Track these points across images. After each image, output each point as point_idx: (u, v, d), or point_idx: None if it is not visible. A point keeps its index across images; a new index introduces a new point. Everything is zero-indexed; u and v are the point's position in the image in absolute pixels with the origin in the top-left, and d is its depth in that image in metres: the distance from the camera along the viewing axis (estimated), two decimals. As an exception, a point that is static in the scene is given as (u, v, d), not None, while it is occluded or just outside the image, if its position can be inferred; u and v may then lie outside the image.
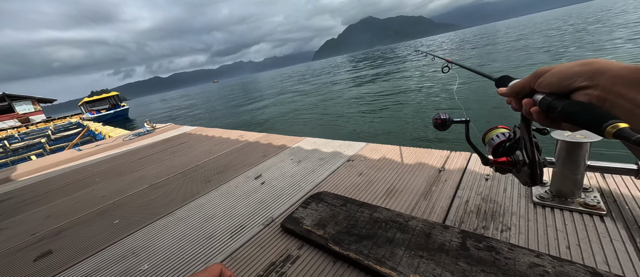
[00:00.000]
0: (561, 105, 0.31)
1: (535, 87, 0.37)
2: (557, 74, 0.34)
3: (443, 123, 0.55)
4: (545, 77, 0.35)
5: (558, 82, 0.33)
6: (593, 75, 0.30)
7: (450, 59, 1.25)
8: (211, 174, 1.73)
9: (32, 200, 1.91)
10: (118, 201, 1.56)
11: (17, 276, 1.01)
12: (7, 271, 1.05)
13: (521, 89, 0.39)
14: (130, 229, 1.19)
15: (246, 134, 2.70)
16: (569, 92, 0.32)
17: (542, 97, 0.35)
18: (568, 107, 0.31)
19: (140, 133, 4.23)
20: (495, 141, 0.52)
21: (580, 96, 0.31)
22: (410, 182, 1.17)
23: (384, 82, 11.78)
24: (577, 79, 0.31)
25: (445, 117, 0.55)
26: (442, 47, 29.36)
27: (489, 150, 0.53)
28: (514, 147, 0.47)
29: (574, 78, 0.31)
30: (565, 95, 0.33)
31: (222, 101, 21.37)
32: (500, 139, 0.51)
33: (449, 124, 0.54)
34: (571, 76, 0.32)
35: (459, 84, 6.68)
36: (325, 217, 0.98)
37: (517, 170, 0.46)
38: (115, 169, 2.33)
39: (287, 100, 13.25)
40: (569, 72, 0.32)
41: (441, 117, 0.55)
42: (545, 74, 0.35)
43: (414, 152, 1.48)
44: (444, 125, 0.54)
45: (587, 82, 0.30)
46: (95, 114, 19.90)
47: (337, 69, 31.43)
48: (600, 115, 0.27)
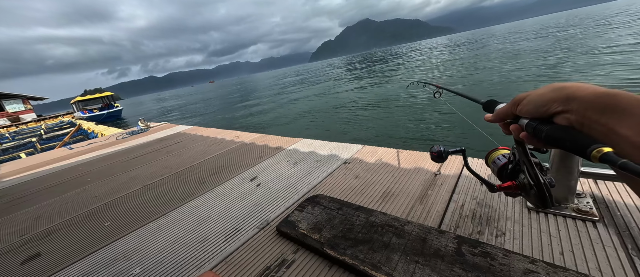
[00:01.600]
0: (545, 130, 0.32)
1: (517, 112, 0.38)
2: (532, 101, 0.35)
3: (439, 155, 0.55)
4: (523, 105, 0.36)
5: (535, 109, 0.34)
6: (565, 100, 0.31)
7: (440, 85, 1.28)
8: (206, 175, 1.71)
9: (21, 200, 1.86)
10: (110, 202, 1.53)
11: (3, 279, 0.98)
12: (-8, 274, 1.02)
13: (505, 115, 0.41)
14: (122, 232, 1.17)
15: (242, 135, 2.68)
16: (548, 116, 0.33)
17: (526, 122, 0.36)
18: (552, 132, 0.31)
19: (134, 132, 4.17)
20: (498, 163, 0.52)
21: (561, 120, 0.32)
22: (407, 186, 1.17)
23: (380, 85, 11.84)
24: (552, 105, 0.32)
25: (441, 149, 0.55)
26: (433, 51, 29.63)
27: (494, 172, 0.54)
28: (517, 170, 0.47)
29: (549, 104, 0.32)
30: (547, 119, 0.34)
31: (218, 101, 21.23)
32: (502, 162, 0.51)
33: (446, 156, 0.54)
34: (546, 103, 0.33)
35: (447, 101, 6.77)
36: (321, 220, 0.97)
37: (526, 193, 0.45)
38: (108, 169, 2.28)
39: (284, 100, 13.22)
40: (544, 99, 0.33)
41: (436, 150, 0.56)
42: (523, 101, 0.36)
43: (410, 156, 1.48)
44: (441, 157, 0.55)
45: (562, 107, 0.31)
46: (88, 113, 19.55)
47: (334, 70, 31.53)
48: (584, 140, 0.28)
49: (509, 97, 0.44)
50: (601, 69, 6.94)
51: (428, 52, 28.90)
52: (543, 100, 0.33)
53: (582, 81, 1.12)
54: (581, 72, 7.15)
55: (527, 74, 8.04)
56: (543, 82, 6.54)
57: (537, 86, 3.44)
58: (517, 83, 7.22)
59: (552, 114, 0.33)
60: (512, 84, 7.19)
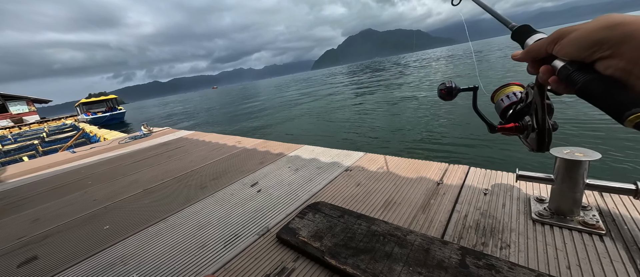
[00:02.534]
0: (582, 81, 0.27)
1: (554, 52, 0.32)
2: (576, 41, 0.29)
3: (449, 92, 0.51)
4: (563, 44, 0.30)
5: (577, 51, 0.29)
6: (619, 42, 0.25)
7: None
8: (207, 180, 1.71)
9: (21, 202, 1.85)
10: (110, 205, 1.53)
11: (-2, 282, 0.96)
12: (-12, 277, 1.01)
13: (538, 53, 0.35)
14: (121, 236, 1.15)
15: (244, 140, 2.68)
16: (591, 62, 0.28)
17: (561, 66, 0.31)
18: (588, 84, 0.27)
19: (136, 136, 4.19)
20: (504, 102, 0.48)
21: (603, 66, 0.27)
22: (409, 195, 1.16)
23: (382, 92, 11.91)
24: (600, 49, 0.26)
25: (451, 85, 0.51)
26: (438, 62, 29.88)
27: (498, 110, 0.50)
28: (525, 111, 0.43)
29: (596, 47, 0.27)
30: (587, 66, 0.28)
31: (221, 107, 21.39)
32: (510, 101, 0.47)
33: (456, 93, 0.51)
34: (593, 45, 0.27)
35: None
36: (322, 228, 0.96)
37: (525, 136, 0.43)
38: (109, 172, 2.28)
39: (286, 107, 13.30)
40: (591, 40, 0.27)
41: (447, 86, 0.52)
42: (564, 40, 0.30)
43: (412, 164, 1.48)
44: (450, 94, 0.51)
45: (611, 51, 0.25)
46: (91, 115, 19.74)
47: (336, 78, 31.80)
48: (623, 101, 0.24)
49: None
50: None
51: (431, 63, 29.15)
52: (591, 40, 0.27)
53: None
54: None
55: None
56: None
57: None
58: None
59: (596, 59, 0.27)
60: None
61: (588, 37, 0.27)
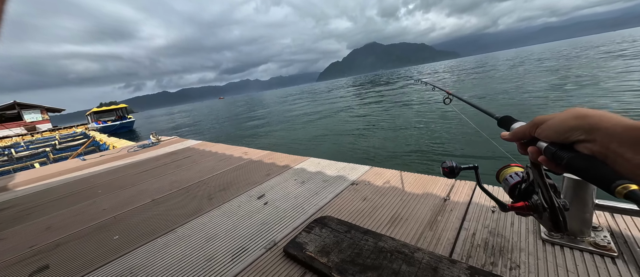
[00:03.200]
0: (567, 157, 0.32)
1: (536, 135, 0.37)
2: (553, 127, 0.34)
3: (451, 171, 0.55)
4: (543, 129, 0.36)
5: (555, 134, 0.34)
6: (589, 130, 0.30)
7: (450, 91, 1.30)
8: (214, 191, 1.73)
9: (33, 210, 1.90)
10: (119, 215, 1.55)
11: (11, 291, 0.98)
12: (1, 285, 1.03)
13: (523, 136, 0.40)
14: (130, 246, 1.17)
15: (250, 151, 2.72)
16: (569, 143, 0.33)
17: (546, 146, 0.35)
18: (573, 161, 0.31)
19: (145, 145, 4.27)
20: (510, 181, 0.51)
21: (582, 148, 0.31)
22: (415, 211, 1.16)
23: (387, 105, 11.96)
24: (574, 133, 0.31)
25: (453, 165, 0.55)
26: (441, 75, 29.99)
27: (505, 190, 0.53)
28: (530, 190, 0.46)
29: (571, 132, 0.32)
30: (567, 146, 0.33)
31: (227, 116, 21.70)
32: (514, 180, 0.50)
33: (458, 172, 0.55)
34: (568, 130, 0.32)
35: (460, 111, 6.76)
36: (328, 243, 0.96)
37: (539, 215, 0.44)
38: (118, 181, 2.33)
39: (291, 118, 13.42)
40: (565, 126, 0.32)
41: (448, 165, 0.56)
42: (542, 125, 0.36)
43: (419, 179, 1.48)
44: (453, 173, 0.55)
45: (585, 136, 0.30)
46: (101, 124, 20.25)
47: (341, 90, 32.12)
48: (608, 174, 0.27)
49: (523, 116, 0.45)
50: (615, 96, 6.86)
51: (437, 75, 29.30)
52: (564, 127, 0.32)
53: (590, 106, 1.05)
54: (592, 96, 7.09)
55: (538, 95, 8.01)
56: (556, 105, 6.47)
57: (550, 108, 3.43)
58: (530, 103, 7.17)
59: (573, 141, 0.32)
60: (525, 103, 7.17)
61: (562, 124, 0.33)
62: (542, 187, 0.43)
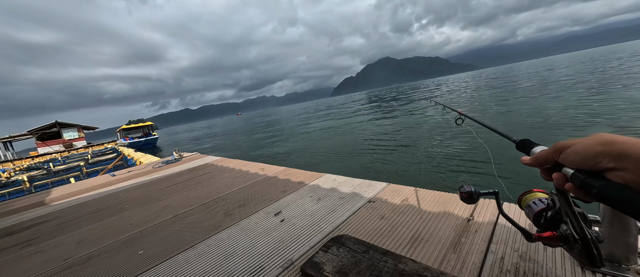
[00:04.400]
0: (597, 186, 0.30)
1: (560, 161, 0.35)
2: (579, 153, 0.32)
3: (470, 196, 0.53)
4: (567, 154, 0.34)
5: (582, 160, 0.32)
6: (617, 157, 0.28)
7: (462, 111, 1.27)
8: (232, 208, 1.77)
9: (67, 224, 2.03)
10: (144, 230, 1.62)
11: (46, 302, 1.04)
12: (38, 296, 1.09)
13: (545, 161, 0.38)
14: (154, 262, 1.21)
15: (266, 168, 2.76)
16: (598, 170, 0.31)
17: (572, 173, 0.33)
18: (605, 190, 0.29)
19: (169, 161, 4.49)
20: (534, 208, 0.48)
21: (614, 177, 0.29)
22: (437, 231, 1.11)
23: (401, 121, 11.79)
24: (602, 160, 0.30)
25: (471, 190, 0.53)
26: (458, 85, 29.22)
27: (528, 217, 0.49)
28: (557, 218, 0.43)
29: (598, 159, 0.30)
30: (596, 173, 0.31)
31: (244, 132, 22.38)
32: (538, 207, 0.47)
33: (477, 197, 0.52)
34: (594, 157, 0.30)
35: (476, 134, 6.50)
36: (346, 264, 0.94)
37: (570, 247, 0.41)
38: (144, 197, 2.45)
39: (306, 133, 13.57)
40: (591, 153, 0.30)
41: (467, 191, 0.53)
42: (566, 150, 0.34)
43: (439, 197, 1.42)
44: (472, 198, 0.52)
45: (614, 164, 0.29)
46: (129, 140, 21.65)
47: (355, 105, 32.22)
48: None
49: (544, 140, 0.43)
50: None
51: (452, 88, 28.65)
52: (591, 153, 0.30)
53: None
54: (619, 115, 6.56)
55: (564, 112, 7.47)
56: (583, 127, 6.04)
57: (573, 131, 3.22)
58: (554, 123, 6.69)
59: (602, 169, 0.30)
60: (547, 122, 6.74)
61: (589, 150, 0.31)
62: (571, 216, 0.39)
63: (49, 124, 26.25)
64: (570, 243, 0.40)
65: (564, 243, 0.41)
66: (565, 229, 0.40)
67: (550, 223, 0.43)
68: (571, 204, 0.39)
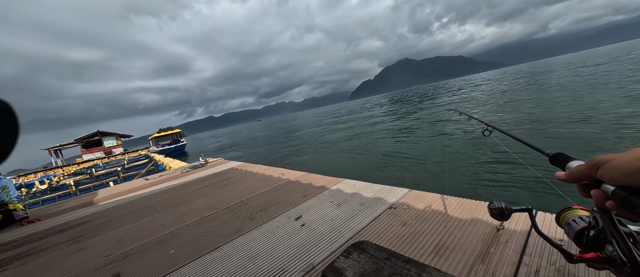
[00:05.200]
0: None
1: (598, 176, 0.34)
2: (619, 168, 0.30)
3: (500, 213, 0.49)
4: (606, 170, 0.32)
5: (623, 177, 0.30)
6: None
7: (489, 123, 1.22)
8: (254, 212, 1.82)
9: (108, 223, 2.22)
10: (174, 231, 1.73)
11: (91, 295, 1.15)
12: (84, 289, 1.21)
13: (582, 177, 0.37)
14: (183, 261, 1.29)
15: (287, 173, 2.82)
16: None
17: (613, 190, 0.31)
18: None
19: (195, 166, 4.74)
20: (574, 226, 0.44)
21: None
22: (463, 240, 1.06)
23: (423, 124, 11.41)
24: None
25: (502, 206, 0.50)
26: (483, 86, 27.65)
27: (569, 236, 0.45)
28: (602, 238, 0.39)
29: None
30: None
31: (264, 138, 22.98)
32: (580, 226, 0.43)
33: (509, 214, 0.49)
34: (637, 173, 0.29)
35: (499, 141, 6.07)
36: (368, 270, 0.93)
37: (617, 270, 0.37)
38: (173, 200, 2.61)
39: (325, 138, 13.61)
40: (633, 168, 0.29)
41: (497, 207, 0.50)
42: (605, 166, 0.32)
43: (465, 204, 1.36)
44: (503, 215, 0.49)
45: None
46: (160, 147, 23.22)
47: (373, 108, 31.78)
48: None
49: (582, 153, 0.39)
50: None
51: (475, 88, 27.24)
52: (632, 168, 0.29)
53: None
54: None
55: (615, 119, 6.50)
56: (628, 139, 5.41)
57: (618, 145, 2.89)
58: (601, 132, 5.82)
59: None
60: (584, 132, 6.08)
61: (630, 165, 0.29)
62: (617, 236, 0.36)
63: (92, 133, 28.99)
64: (618, 266, 0.36)
65: (611, 266, 0.37)
66: (611, 250, 0.37)
67: (593, 243, 0.40)
68: (616, 223, 0.36)
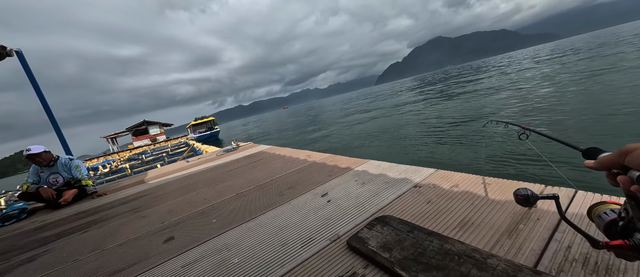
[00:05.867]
0: None
1: (626, 164, 0.35)
2: None
3: (526, 200, 0.50)
4: (633, 157, 0.34)
5: None
6: None
7: (526, 125, 1.16)
8: (283, 189, 1.96)
9: (159, 197, 2.55)
10: (214, 204, 1.94)
11: (154, 252, 1.38)
12: (149, 248, 1.45)
13: (610, 164, 0.38)
14: (224, 229, 1.47)
15: (313, 154, 2.92)
16: None
17: (638, 175, 0.33)
18: None
19: (228, 149, 5.10)
20: (604, 218, 0.44)
21: None
22: (490, 217, 1.05)
23: (455, 105, 10.68)
24: None
25: (528, 193, 0.50)
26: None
27: (599, 228, 0.46)
28: (631, 227, 0.39)
29: None
30: None
31: (291, 124, 23.51)
32: (610, 217, 0.43)
33: (534, 201, 0.49)
34: None
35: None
36: (390, 241, 0.99)
37: None
38: (212, 178, 2.88)
39: (350, 122, 13.50)
40: None
41: (523, 194, 0.51)
42: (633, 153, 0.34)
43: (495, 183, 1.32)
44: (528, 201, 0.50)
45: None
46: (197, 134, 25.17)
47: (400, 92, 30.36)
48: None
49: None
50: None
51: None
52: None
53: None
54: None
55: None
56: None
57: None
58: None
59: None
60: None
61: None
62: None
63: (139, 122, 32.26)
64: None
65: (637, 253, 0.37)
66: (639, 237, 0.37)
67: (622, 233, 0.40)
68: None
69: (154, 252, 1.37)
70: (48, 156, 3.23)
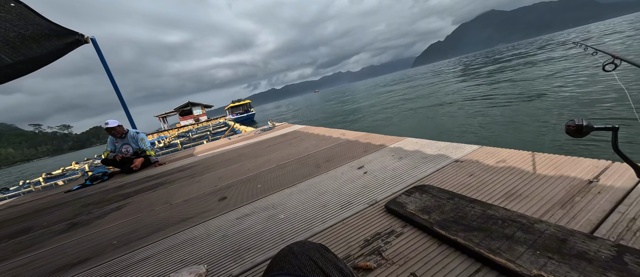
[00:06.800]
0: None
1: None
2: None
3: (578, 130, 0.47)
4: None
5: None
6: None
7: (616, 54, 1.00)
8: (320, 162, 2.06)
9: (208, 167, 2.87)
10: (258, 173, 2.13)
11: (211, 207, 1.60)
12: (206, 204, 1.68)
13: None
14: (268, 192, 1.63)
15: (347, 133, 2.96)
16: None
17: None
18: None
19: (265, 129, 5.40)
20: None
21: None
22: (541, 189, 1.00)
23: (507, 85, 9.58)
24: None
25: (581, 123, 0.47)
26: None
27: None
28: None
29: None
30: None
31: (323, 106, 23.59)
32: None
33: (587, 131, 0.46)
34: None
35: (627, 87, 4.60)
36: (429, 206, 1.01)
37: None
38: (252, 153, 3.13)
39: (386, 103, 13.06)
40: None
41: (576, 124, 0.47)
42: None
43: (549, 159, 1.23)
44: (580, 132, 0.46)
45: None
46: (235, 115, 26.90)
47: (440, 74, 28.01)
48: None
49: None
50: None
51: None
52: None
53: None
54: None
55: None
56: None
57: None
58: None
59: None
60: None
61: None
62: None
63: (184, 103, 35.43)
64: None
65: None
66: None
67: None
68: None
69: (211, 207, 1.60)
70: (121, 129, 3.81)
